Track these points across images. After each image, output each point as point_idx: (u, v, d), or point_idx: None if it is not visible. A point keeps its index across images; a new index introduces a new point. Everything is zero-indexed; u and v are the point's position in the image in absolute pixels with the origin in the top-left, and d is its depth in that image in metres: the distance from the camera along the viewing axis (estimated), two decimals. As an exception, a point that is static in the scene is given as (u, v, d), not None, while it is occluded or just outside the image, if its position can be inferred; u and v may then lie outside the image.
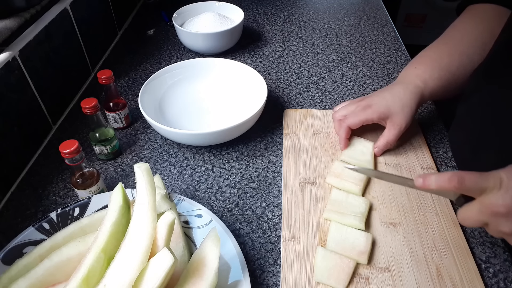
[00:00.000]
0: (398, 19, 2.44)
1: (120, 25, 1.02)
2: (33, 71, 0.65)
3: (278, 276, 0.49)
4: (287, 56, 0.92)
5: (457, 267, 0.49)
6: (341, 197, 0.56)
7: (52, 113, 0.71)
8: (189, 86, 0.78)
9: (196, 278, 0.41)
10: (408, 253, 0.50)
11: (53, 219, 0.49)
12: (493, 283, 0.48)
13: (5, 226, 0.55)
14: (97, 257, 0.39)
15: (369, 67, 0.88)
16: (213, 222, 0.50)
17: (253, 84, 0.73)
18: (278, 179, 0.62)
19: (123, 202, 0.43)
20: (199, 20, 0.91)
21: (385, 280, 0.48)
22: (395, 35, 1.00)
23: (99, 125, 0.60)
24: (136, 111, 0.76)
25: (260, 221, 0.56)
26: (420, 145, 0.66)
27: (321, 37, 0.99)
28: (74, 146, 0.50)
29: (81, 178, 0.54)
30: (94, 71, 0.87)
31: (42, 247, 0.45)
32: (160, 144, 0.68)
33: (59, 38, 0.72)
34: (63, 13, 0.73)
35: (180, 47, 0.96)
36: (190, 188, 0.61)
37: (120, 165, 0.64)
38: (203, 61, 0.78)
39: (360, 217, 0.53)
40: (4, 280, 0.41)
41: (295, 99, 0.78)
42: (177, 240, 0.47)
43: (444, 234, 0.52)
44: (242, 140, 0.68)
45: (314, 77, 0.85)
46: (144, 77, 0.84)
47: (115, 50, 0.95)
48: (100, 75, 0.64)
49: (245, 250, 0.52)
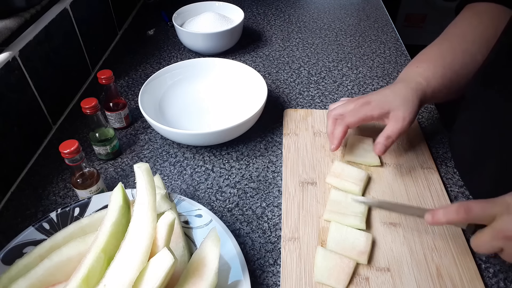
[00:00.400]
0: (398, 19, 2.44)
1: (120, 25, 1.02)
2: (33, 71, 0.65)
3: (278, 276, 0.49)
4: (287, 56, 0.92)
5: (457, 267, 0.49)
6: (340, 197, 0.56)
7: (52, 113, 0.71)
8: (189, 86, 0.78)
9: (196, 278, 0.41)
10: (408, 253, 0.50)
11: (53, 219, 0.49)
12: (493, 283, 0.48)
13: (5, 226, 0.55)
14: (97, 257, 0.39)
15: (369, 67, 0.88)
16: (213, 222, 0.50)
17: (253, 84, 0.73)
18: (278, 179, 0.62)
19: (123, 202, 0.43)
20: (199, 20, 0.91)
21: (385, 280, 0.48)
22: (395, 35, 1.00)
23: (99, 125, 0.60)
24: (136, 111, 0.76)
25: (260, 221, 0.56)
26: (420, 145, 0.66)
27: (321, 37, 0.99)
28: (74, 146, 0.50)
29: (81, 178, 0.54)
30: (94, 71, 0.87)
31: (42, 247, 0.45)
32: (160, 144, 0.68)
33: (59, 38, 0.72)
34: (63, 13, 0.73)
35: (180, 47, 0.96)
36: (190, 188, 0.61)
37: (120, 165, 0.64)
38: (203, 61, 0.78)
39: (361, 217, 0.53)
40: (4, 280, 0.41)
41: (295, 99, 0.78)
42: (177, 240, 0.47)
43: (444, 234, 0.52)
44: (242, 140, 0.68)
45: (314, 77, 0.85)
46: (144, 77, 0.84)
47: (115, 50, 0.95)
48: (100, 75, 0.64)
49: (245, 250, 0.52)
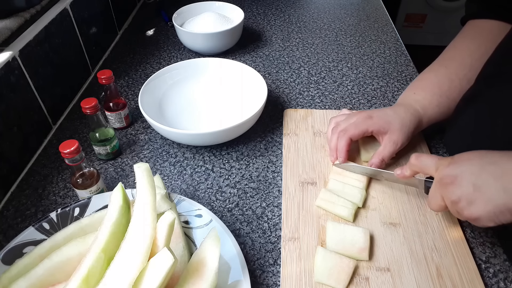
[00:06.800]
0: (398, 19, 2.45)
1: (120, 25, 1.02)
2: (33, 71, 0.65)
3: (278, 276, 0.49)
4: (287, 56, 0.92)
5: (457, 267, 0.49)
6: (337, 187, 0.57)
7: (52, 113, 0.71)
8: (189, 86, 0.78)
9: (196, 278, 0.41)
10: (408, 253, 0.50)
11: (53, 219, 0.49)
12: (493, 283, 0.48)
13: (5, 226, 0.55)
14: (97, 257, 0.39)
15: (369, 67, 0.88)
16: (213, 222, 0.50)
17: (253, 84, 0.73)
18: (278, 179, 0.62)
19: (123, 202, 0.43)
20: (199, 20, 0.91)
21: (385, 280, 0.48)
22: (395, 35, 1.00)
23: (99, 125, 0.60)
24: (136, 111, 0.76)
25: (260, 221, 0.56)
26: (420, 145, 0.66)
27: (321, 37, 0.99)
28: (74, 146, 0.50)
29: (81, 178, 0.54)
30: (94, 71, 0.87)
31: (42, 247, 0.45)
32: (160, 144, 0.68)
33: (59, 38, 0.72)
34: (63, 13, 0.73)
35: (180, 47, 0.96)
36: (190, 188, 0.61)
37: (120, 165, 0.64)
38: (203, 61, 0.78)
39: (350, 209, 0.53)
40: (4, 280, 0.41)
41: (295, 99, 0.78)
42: (177, 240, 0.47)
43: (444, 234, 0.52)
44: (242, 140, 0.68)
45: (314, 77, 0.85)
46: (144, 77, 0.84)
47: (115, 50, 0.95)
48: (100, 75, 0.64)
49: (245, 250, 0.52)
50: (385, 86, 0.82)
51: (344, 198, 0.55)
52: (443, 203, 0.47)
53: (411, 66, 0.88)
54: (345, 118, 0.62)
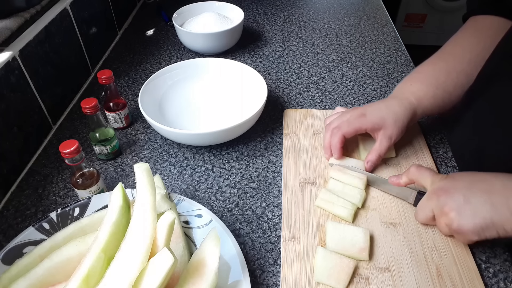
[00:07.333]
0: (398, 19, 2.45)
1: (120, 25, 1.02)
2: (33, 71, 0.65)
3: (278, 276, 0.49)
4: (287, 56, 0.92)
5: (457, 267, 0.49)
6: (337, 188, 0.57)
7: (52, 113, 0.71)
8: (189, 86, 0.78)
9: (196, 278, 0.41)
10: (408, 253, 0.50)
11: (53, 219, 0.49)
12: (493, 283, 0.48)
13: (5, 226, 0.55)
14: (97, 257, 0.39)
15: (369, 67, 0.88)
16: (213, 222, 0.50)
17: (253, 84, 0.73)
18: (278, 179, 0.62)
19: (123, 202, 0.43)
20: (199, 20, 0.91)
21: (385, 280, 0.48)
22: (395, 35, 1.00)
23: (99, 125, 0.60)
24: (136, 111, 0.76)
25: (260, 221, 0.56)
26: (420, 145, 0.66)
27: (321, 37, 0.99)
28: (74, 146, 0.50)
29: (81, 178, 0.54)
30: (94, 71, 0.87)
31: (42, 247, 0.45)
32: (160, 144, 0.68)
33: (59, 38, 0.72)
34: (63, 13, 0.73)
35: (180, 47, 0.96)
36: (190, 188, 0.61)
37: (120, 165, 0.64)
38: (203, 61, 0.78)
39: (349, 210, 0.53)
40: (4, 280, 0.41)
41: (295, 99, 0.78)
42: (177, 240, 0.47)
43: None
44: (242, 140, 0.68)
45: (314, 77, 0.85)
46: (144, 77, 0.84)
47: (115, 50, 0.95)
48: (100, 75, 0.64)
49: (245, 250, 0.52)
50: (385, 86, 0.82)
51: (343, 198, 0.55)
52: (431, 214, 0.49)
53: (411, 66, 0.88)
54: (339, 116, 0.62)
